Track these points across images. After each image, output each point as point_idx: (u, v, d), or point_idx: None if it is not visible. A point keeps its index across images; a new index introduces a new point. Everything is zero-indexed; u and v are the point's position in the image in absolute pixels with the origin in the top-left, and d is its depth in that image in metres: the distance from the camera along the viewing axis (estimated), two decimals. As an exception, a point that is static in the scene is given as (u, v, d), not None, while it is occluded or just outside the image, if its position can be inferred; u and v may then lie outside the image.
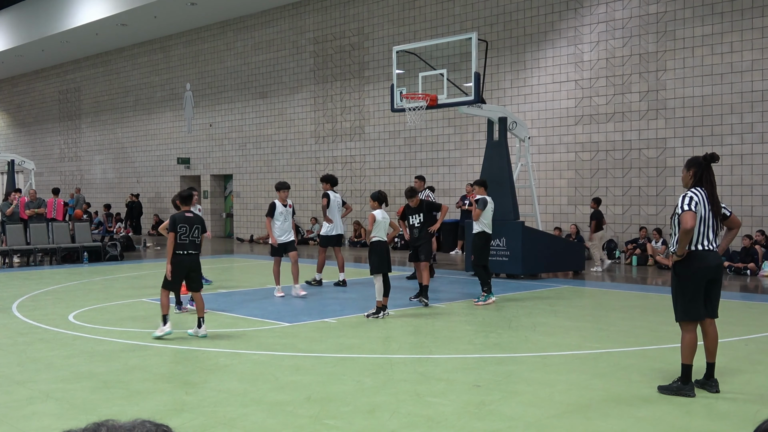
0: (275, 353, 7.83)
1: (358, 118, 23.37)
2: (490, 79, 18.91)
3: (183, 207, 8.94)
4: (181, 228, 8.67)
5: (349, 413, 5.71)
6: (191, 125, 29.26)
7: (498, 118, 14.86)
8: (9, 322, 9.94)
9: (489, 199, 11.51)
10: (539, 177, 18.95)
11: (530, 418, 5.59)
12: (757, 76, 15.88)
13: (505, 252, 14.37)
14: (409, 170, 22.08)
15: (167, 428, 1.37)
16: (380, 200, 10.36)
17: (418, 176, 14.96)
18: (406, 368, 7.15)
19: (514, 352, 7.96)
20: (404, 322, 9.76)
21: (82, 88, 34.72)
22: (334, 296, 12.22)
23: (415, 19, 21.75)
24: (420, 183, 14.48)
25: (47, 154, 37.03)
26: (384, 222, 10.33)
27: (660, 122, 17.24)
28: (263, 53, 26.29)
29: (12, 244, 17.74)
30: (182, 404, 5.99)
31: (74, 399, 6.22)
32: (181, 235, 8.67)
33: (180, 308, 10.49)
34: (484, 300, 11.19)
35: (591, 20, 18.29)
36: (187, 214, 8.84)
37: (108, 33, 29.22)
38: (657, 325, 9.28)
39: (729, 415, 5.71)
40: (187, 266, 8.77)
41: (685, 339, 6.23)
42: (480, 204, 11.36)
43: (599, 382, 6.62)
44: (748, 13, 15.96)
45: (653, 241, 16.96)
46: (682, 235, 6.06)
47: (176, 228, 8.66)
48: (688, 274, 6.14)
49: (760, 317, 10.18)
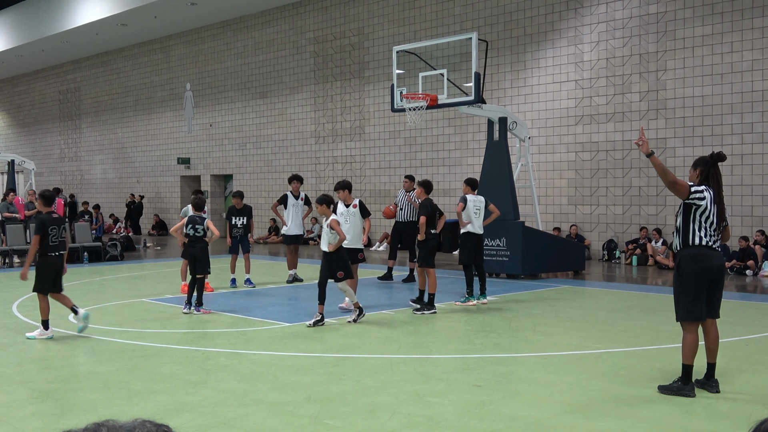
0: (275, 353, 7.83)
1: (358, 118, 23.37)
2: (490, 79, 18.91)
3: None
4: (51, 230, 8.66)
5: (349, 413, 5.71)
6: (191, 125, 29.26)
7: (498, 118, 14.86)
8: (9, 322, 9.94)
9: (470, 197, 11.30)
10: (539, 177, 18.95)
11: (530, 418, 5.58)
12: (757, 76, 15.88)
13: (505, 252, 14.37)
14: (409, 170, 22.07)
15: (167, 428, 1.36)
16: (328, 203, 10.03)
17: (408, 175, 14.31)
18: (406, 368, 7.15)
19: (514, 352, 7.96)
20: (404, 323, 9.75)
21: (82, 88, 34.72)
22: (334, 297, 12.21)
23: (415, 19, 21.75)
24: (409, 183, 13.96)
25: (47, 154, 37.04)
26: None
27: (660, 122, 17.24)
28: (263, 53, 26.29)
29: (12, 244, 17.73)
30: (182, 404, 5.99)
31: (74, 399, 6.21)
32: (52, 237, 8.65)
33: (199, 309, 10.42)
34: (463, 301, 11.19)
35: (591, 20, 18.29)
36: (53, 215, 8.84)
37: (108, 33, 29.22)
38: (657, 325, 9.28)
39: (729, 415, 5.71)
40: (57, 268, 8.75)
41: (687, 339, 6.22)
42: (460, 200, 11.32)
43: (599, 382, 6.62)
44: (748, 13, 15.96)
45: (653, 241, 16.96)
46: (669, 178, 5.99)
47: (47, 230, 8.61)
48: (691, 273, 6.14)
49: (760, 317, 10.18)
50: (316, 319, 9.40)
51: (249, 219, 13.39)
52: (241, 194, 13.58)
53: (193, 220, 10.53)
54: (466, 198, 11.25)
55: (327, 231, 9.59)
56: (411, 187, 13.79)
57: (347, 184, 11.00)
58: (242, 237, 13.33)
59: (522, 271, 14.33)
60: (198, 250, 10.44)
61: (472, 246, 11.22)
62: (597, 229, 18.43)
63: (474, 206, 11.28)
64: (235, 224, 13.29)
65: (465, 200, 11.22)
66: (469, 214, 11.20)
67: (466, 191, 11.41)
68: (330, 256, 9.61)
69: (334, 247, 9.55)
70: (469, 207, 11.21)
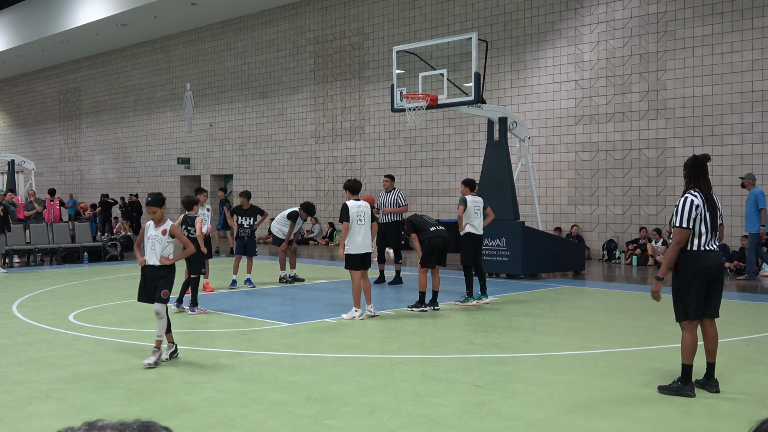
0: (275, 353, 7.82)
1: (358, 118, 23.37)
2: (490, 79, 18.90)
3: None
4: None
5: (349, 413, 5.71)
6: (191, 125, 29.26)
7: (498, 118, 14.86)
8: (9, 322, 9.94)
9: (469, 198, 11.29)
10: (539, 177, 18.95)
11: (530, 418, 5.58)
12: (757, 76, 15.88)
13: (505, 252, 14.36)
14: (410, 170, 22.09)
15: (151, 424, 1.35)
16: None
17: (388, 175, 14.14)
18: (406, 368, 7.14)
19: (514, 352, 7.96)
20: (404, 322, 9.75)
21: (82, 88, 34.72)
22: (334, 297, 12.22)
23: (415, 19, 21.75)
24: (390, 183, 13.85)
25: (47, 154, 37.04)
26: None
27: (660, 122, 17.24)
28: (263, 53, 26.30)
29: (12, 244, 17.73)
30: (182, 404, 5.99)
31: (74, 399, 6.21)
32: None
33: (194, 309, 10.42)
34: (462, 301, 11.20)
35: (591, 20, 18.29)
36: None
37: (108, 33, 29.22)
38: (657, 325, 9.28)
39: (729, 415, 5.70)
40: None
41: (685, 339, 6.23)
42: (459, 202, 11.31)
43: (599, 382, 6.62)
44: (748, 13, 15.96)
45: (653, 241, 16.95)
46: (672, 250, 6.14)
47: None
48: (689, 273, 6.15)
49: (760, 317, 10.18)
50: (170, 351, 7.53)
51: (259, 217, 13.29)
52: (248, 194, 13.50)
53: (185, 220, 10.63)
54: (465, 199, 11.24)
55: (164, 239, 7.45)
56: (392, 187, 13.75)
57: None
58: (249, 238, 13.22)
59: (522, 271, 14.33)
60: None
61: (472, 247, 11.24)
62: (597, 229, 18.43)
63: (474, 207, 11.29)
64: (242, 225, 13.23)
65: (465, 202, 11.22)
66: (470, 215, 11.22)
67: (465, 192, 11.40)
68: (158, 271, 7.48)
69: (171, 261, 7.53)
70: (470, 208, 11.22)
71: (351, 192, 10.17)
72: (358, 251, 9.94)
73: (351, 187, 10.19)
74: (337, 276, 14.97)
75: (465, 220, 11.19)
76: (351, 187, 10.19)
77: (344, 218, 9.93)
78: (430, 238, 10.68)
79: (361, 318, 9.90)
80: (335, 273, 15.59)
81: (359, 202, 10.11)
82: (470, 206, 11.22)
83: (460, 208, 11.19)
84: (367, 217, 10.06)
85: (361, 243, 9.93)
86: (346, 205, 9.97)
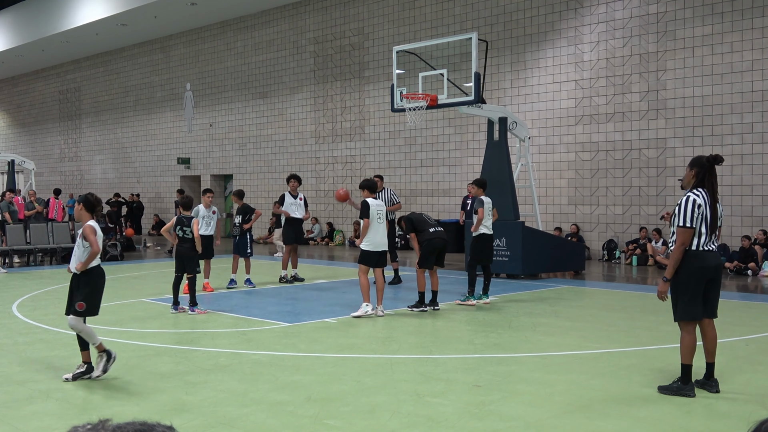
0: (275, 353, 7.83)
1: (358, 118, 23.37)
2: (490, 79, 18.91)
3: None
4: None
5: (349, 413, 5.71)
6: (191, 125, 29.26)
7: (498, 118, 14.86)
8: (9, 322, 9.94)
9: (485, 199, 11.36)
10: (539, 177, 18.95)
11: (530, 418, 5.58)
12: (757, 76, 15.88)
13: (505, 252, 14.37)
14: (409, 170, 22.09)
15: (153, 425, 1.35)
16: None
17: (378, 175, 14.13)
18: (406, 368, 7.15)
19: (514, 352, 7.96)
20: (404, 322, 9.75)
21: (82, 88, 34.72)
22: (335, 296, 12.22)
23: (415, 19, 21.75)
24: (380, 182, 13.76)
25: (47, 154, 37.04)
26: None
27: (660, 122, 17.24)
28: (263, 53, 26.30)
29: (12, 244, 17.73)
30: (182, 404, 5.99)
31: (74, 399, 6.22)
32: None
33: (193, 309, 10.43)
34: (463, 300, 11.21)
35: (591, 20, 18.30)
36: None
37: (108, 33, 29.22)
38: (657, 325, 9.28)
39: (729, 415, 5.71)
40: None
41: (685, 339, 6.23)
42: (477, 204, 11.31)
43: (599, 382, 6.62)
44: (748, 13, 15.96)
45: (653, 241, 16.95)
46: (677, 250, 6.11)
47: None
48: (688, 273, 6.15)
49: (760, 317, 10.18)
50: (79, 371, 6.75)
51: (245, 218, 13.25)
52: (240, 193, 13.51)
53: (180, 221, 10.51)
54: (482, 201, 11.28)
55: (80, 242, 6.74)
56: (382, 187, 13.75)
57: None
58: (240, 237, 13.23)
59: (522, 271, 14.33)
60: (186, 250, 10.45)
61: (486, 247, 11.31)
62: (597, 229, 18.43)
63: (488, 207, 11.35)
64: (234, 223, 13.33)
65: (482, 203, 11.26)
66: (484, 216, 11.28)
67: (479, 193, 11.41)
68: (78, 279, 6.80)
69: (84, 266, 6.69)
70: (485, 209, 11.28)
71: (369, 191, 10.41)
72: (377, 248, 10.13)
73: (369, 186, 10.46)
74: (337, 276, 14.97)
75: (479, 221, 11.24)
76: (369, 186, 10.46)
77: (365, 215, 10.13)
78: (429, 239, 10.65)
79: (374, 311, 9.97)
80: (335, 273, 15.59)
81: (378, 200, 10.42)
82: (485, 207, 11.28)
83: (480, 210, 11.20)
84: (383, 215, 10.32)
85: (380, 241, 10.15)
86: (366, 203, 10.17)
